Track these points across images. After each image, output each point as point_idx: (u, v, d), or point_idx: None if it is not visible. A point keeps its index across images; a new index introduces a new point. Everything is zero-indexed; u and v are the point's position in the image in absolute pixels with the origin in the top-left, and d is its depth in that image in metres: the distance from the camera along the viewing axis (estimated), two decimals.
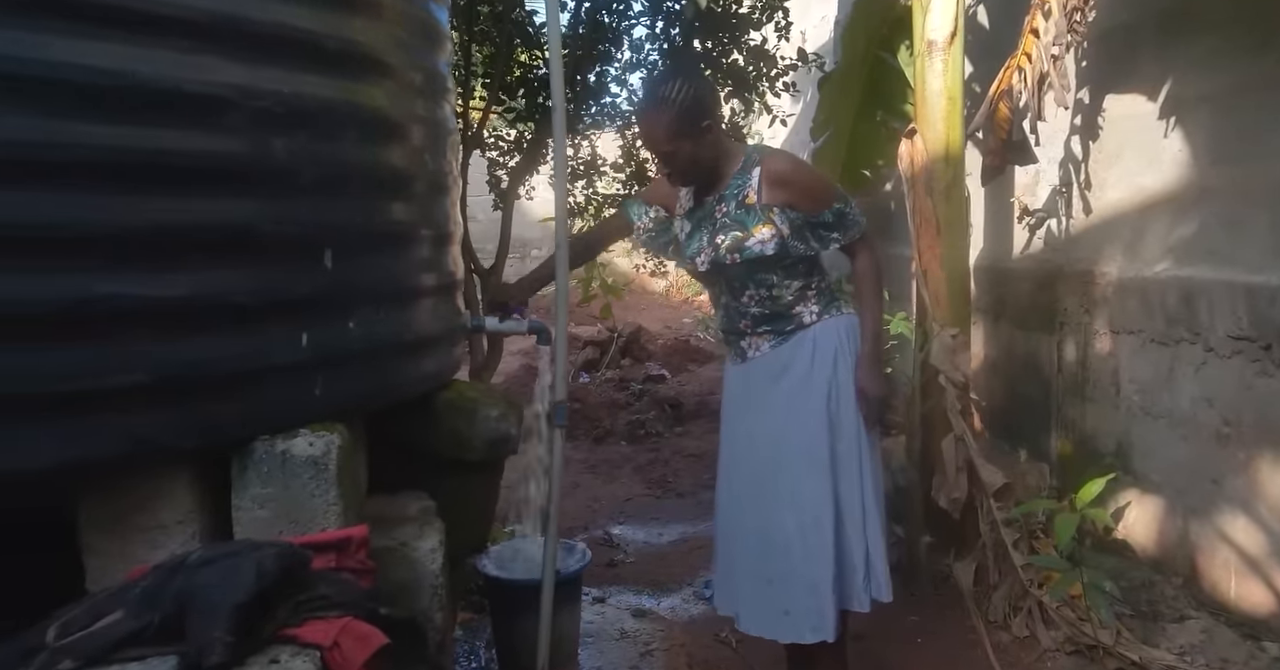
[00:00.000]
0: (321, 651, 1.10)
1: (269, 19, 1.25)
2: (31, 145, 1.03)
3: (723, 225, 1.71)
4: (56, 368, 1.07)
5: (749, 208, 1.69)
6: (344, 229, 1.40)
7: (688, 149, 1.63)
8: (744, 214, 1.69)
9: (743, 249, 1.68)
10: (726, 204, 1.72)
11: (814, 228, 1.69)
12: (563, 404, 1.92)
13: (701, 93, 1.67)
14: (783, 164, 1.71)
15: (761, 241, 1.67)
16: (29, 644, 1.06)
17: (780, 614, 1.75)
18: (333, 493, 1.31)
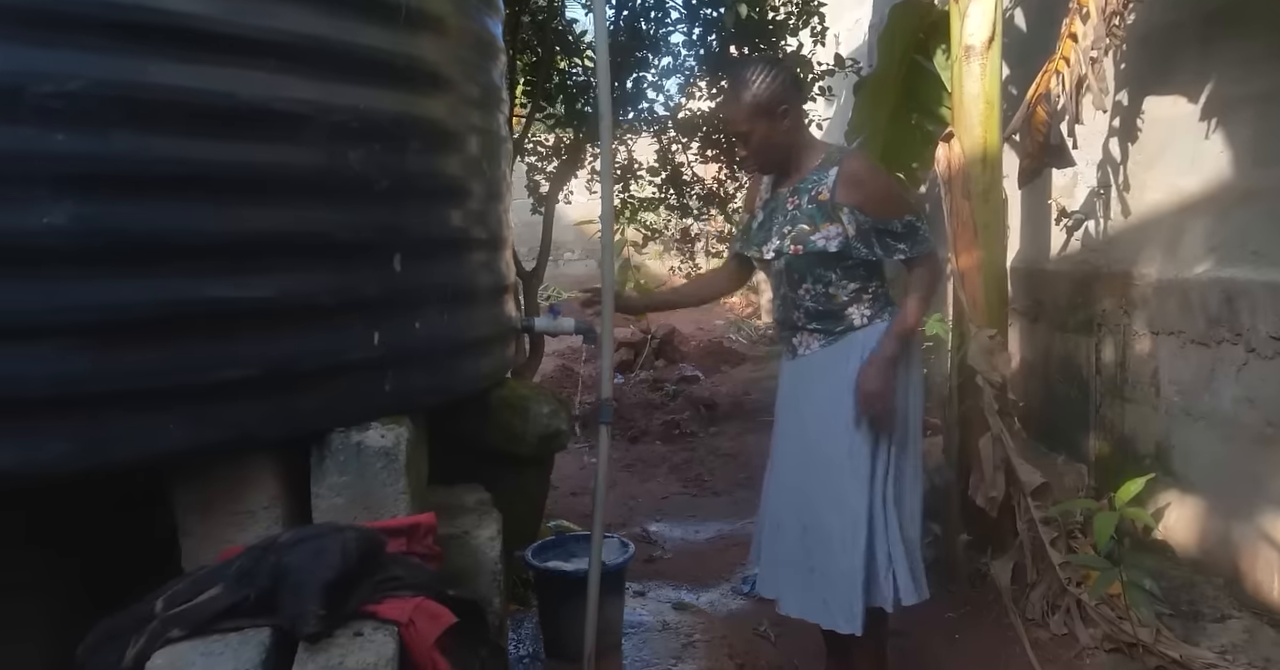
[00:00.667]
0: (399, 627, 1.18)
1: (347, 40, 1.35)
2: (150, 162, 1.13)
3: (793, 217, 1.78)
4: (169, 364, 1.17)
5: (821, 204, 1.74)
6: (410, 234, 1.49)
7: (762, 130, 1.72)
8: (815, 209, 1.75)
9: (807, 242, 1.74)
10: (800, 197, 1.78)
11: (880, 234, 1.74)
12: (609, 402, 2.00)
13: (783, 80, 1.75)
14: (860, 166, 1.77)
15: (826, 237, 1.73)
16: (140, 613, 1.16)
17: (820, 602, 1.81)
18: (402, 482, 1.40)
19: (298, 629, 1.10)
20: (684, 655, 2.31)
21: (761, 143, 1.74)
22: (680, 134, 4.40)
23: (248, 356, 1.25)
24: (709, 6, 3.69)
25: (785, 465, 1.95)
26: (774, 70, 1.73)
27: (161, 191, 1.15)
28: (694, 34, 3.86)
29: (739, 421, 4.89)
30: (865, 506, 1.76)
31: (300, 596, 1.11)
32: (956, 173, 2.67)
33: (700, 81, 4.04)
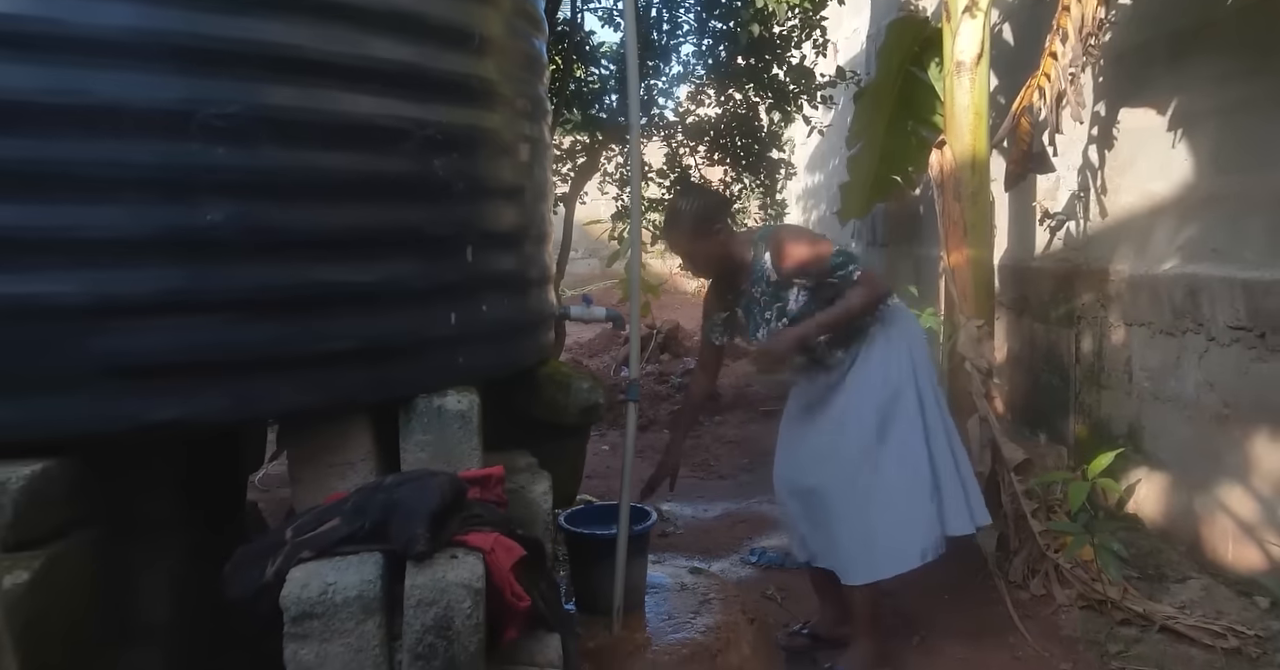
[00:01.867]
0: (482, 553, 1.43)
1: (432, 66, 1.59)
2: (285, 171, 1.37)
3: (765, 304, 2.15)
4: (296, 335, 1.41)
5: (774, 283, 2.11)
6: (479, 229, 1.73)
7: (704, 248, 2.10)
8: (774, 289, 2.12)
9: (787, 312, 2.11)
10: (757, 287, 2.15)
11: (829, 273, 2.07)
12: (636, 382, 2.26)
13: (709, 203, 2.15)
14: (779, 240, 2.10)
15: (796, 301, 2.10)
16: (273, 540, 1.41)
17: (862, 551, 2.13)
18: (475, 440, 1.65)
19: (408, 551, 1.35)
20: (701, 610, 2.56)
21: (706, 258, 2.11)
22: (688, 138, 4.65)
23: (355, 331, 1.49)
24: (718, 20, 3.95)
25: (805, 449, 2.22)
26: (700, 199, 2.17)
27: (293, 194, 1.40)
28: (704, 45, 4.11)
29: (741, 411, 5.14)
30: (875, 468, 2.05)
31: (409, 525, 1.36)
32: (948, 177, 2.94)
33: (709, 89, 4.29)
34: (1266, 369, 2.42)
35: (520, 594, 1.46)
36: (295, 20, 1.40)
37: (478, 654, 1.35)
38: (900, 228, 4.81)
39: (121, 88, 1.25)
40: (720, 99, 4.27)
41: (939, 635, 2.48)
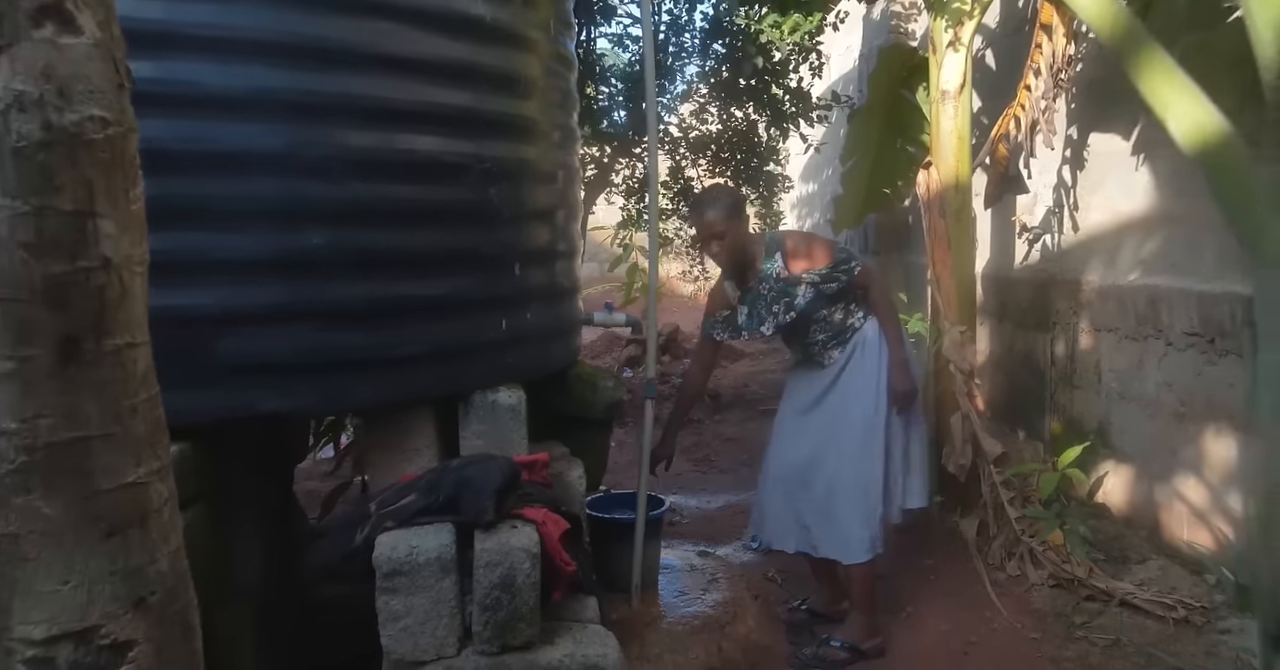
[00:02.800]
0: (536, 525, 1.69)
1: (487, 108, 1.85)
2: (368, 201, 1.63)
3: (771, 298, 2.40)
4: (376, 340, 1.67)
5: (784, 280, 2.38)
6: (525, 248, 1.99)
7: (733, 233, 2.33)
8: (783, 285, 2.38)
9: (795, 308, 2.38)
10: (765, 284, 2.41)
11: (832, 271, 2.35)
12: (653, 381, 2.53)
13: (736, 200, 2.44)
14: (791, 242, 2.42)
15: (804, 297, 2.36)
16: (359, 512, 1.67)
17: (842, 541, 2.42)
18: (522, 430, 1.91)
19: (477, 521, 1.61)
20: (710, 588, 2.83)
21: (731, 246, 2.36)
22: (691, 152, 4.92)
23: (424, 337, 1.75)
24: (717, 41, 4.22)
25: (806, 444, 2.49)
26: (730, 194, 2.51)
27: (374, 220, 1.65)
28: (706, 65, 4.39)
29: (741, 410, 5.41)
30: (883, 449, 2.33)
31: (477, 500, 1.62)
32: (934, 196, 3.21)
33: (712, 107, 4.56)
34: (1216, 371, 2.70)
35: (567, 560, 1.72)
36: (375, 75, 1.66)
37: (535, 608, 1.61)
38: (890, 237, 5.09)
39: (244, 136, 1.51)
40: (722, 117, 4.54)
41: (925, 610, 2.76)
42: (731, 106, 4.34)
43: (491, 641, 1.58)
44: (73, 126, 0.99)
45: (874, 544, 2.38)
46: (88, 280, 1.03)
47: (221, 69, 1.48)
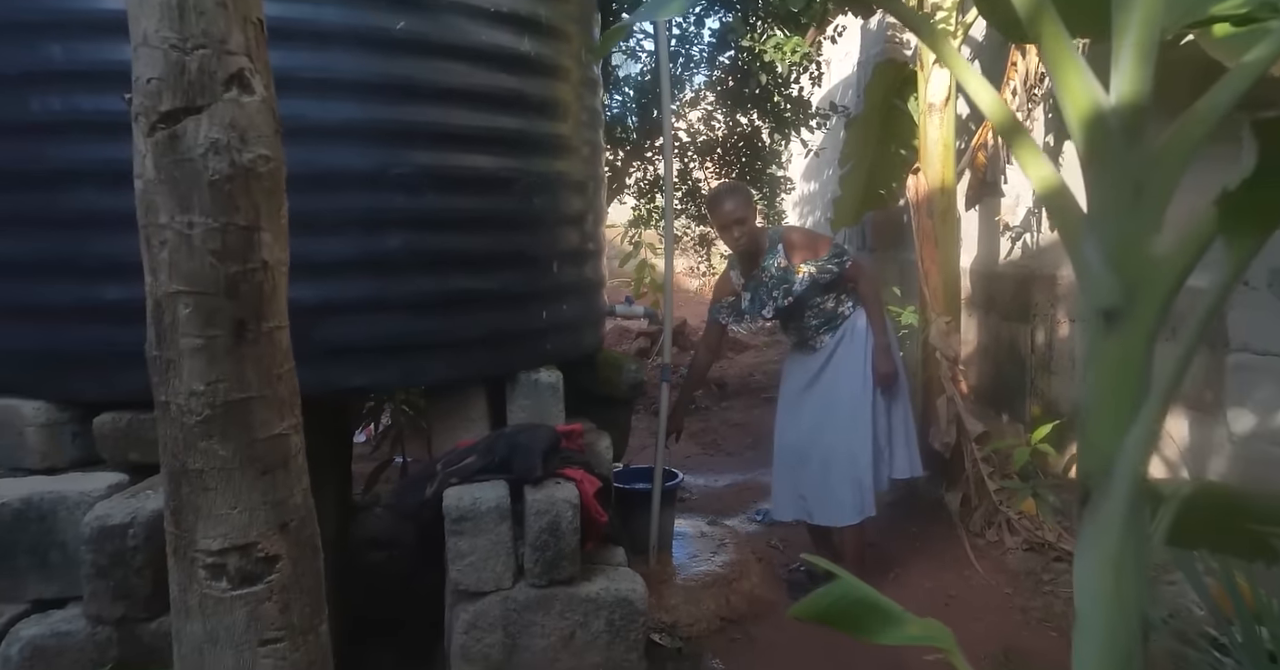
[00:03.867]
0: (575, 482, 2.02)
1: (533, 130, 2.18)
2: (439, 210, 1.96)
3: (772, 285, 2.76)
4: (444, 327, 2.00)
5: (784, 269, 2.75)
6: (561, 248, 2.32)
7: (749, 220, 2.71)
8: (782, 273, 2.75)
9: (793, 294, 2.73)
10: (766, 273, 2.77)
11: (826, 263, 2.72)
12: (669, 366, 2.87)
13: (749, 191, 2.91)
14: (792, 236, 2.80)
15: (801, 285, 2.71)
16: (428, 470, 2.00)
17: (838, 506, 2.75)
18: (560, 405, 2.23)
19: (527, 477, 1.94)
20: (719, 551, 3.17)
21: (747, 232, 2.71)
22: (698, 155, 5.24)
23: (481, 324, 2.08)
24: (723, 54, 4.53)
25: (803, 422, 2.83)
26: (743, 188, 2.91)
27: (443, 227, 1.98)
28: (713, 75, 4.70)
29: (746, 398, 5.73)
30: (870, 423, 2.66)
31: (528, 460, 1.95)
32: (922, 199, 3.53)
33: (718, 114, 4.87)
34: None
35: (600, 512, 2.05)
36: (443, 106, 1.98)
37: (576, 549, 1.94)
38: (885, 235, 5.40)
39: (342, 159, 1.83)
40: (728, 122, 4.86)
41: (911, 571, 3.09)
42: (737, 113, 4.65)
43: (540, 576, 1.91)
44: (248, 163, 1.32)
45: (863, 509, 2.72)
46: (253, 278, 1.37)
47: (321, 104, 1.80)
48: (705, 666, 2.47)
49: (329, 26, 1.78)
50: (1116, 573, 0.90)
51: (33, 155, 1.73)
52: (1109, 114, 0.92)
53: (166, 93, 1.25)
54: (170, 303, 1.33)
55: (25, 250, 1.78)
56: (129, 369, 1.80)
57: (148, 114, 1.27)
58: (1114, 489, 0.90)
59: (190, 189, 1.29)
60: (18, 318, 1.81)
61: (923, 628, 1.11)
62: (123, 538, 1.60)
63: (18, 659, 1.55)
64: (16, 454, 1.79)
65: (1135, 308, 0.92)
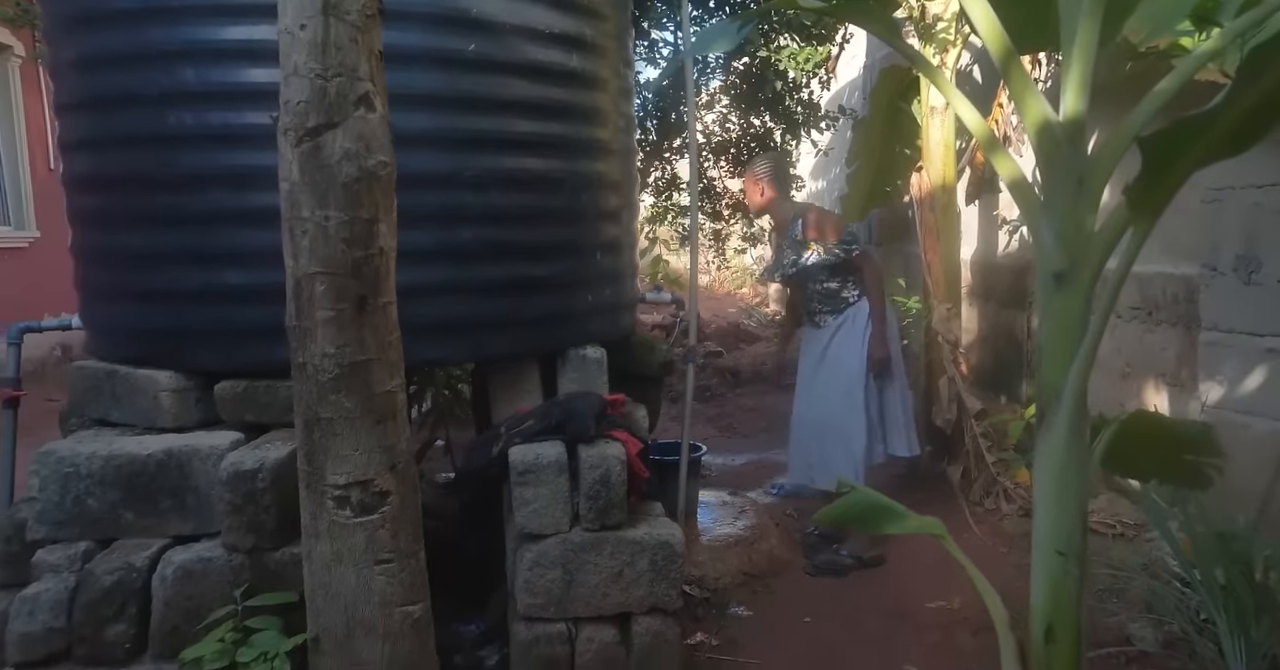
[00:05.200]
0: (621, 442, 2.33)
1: (580, 135, 2.48)
2: (503, 207, 2.25)
3: (786, 255, 3.12)
4: (502, 309, 2.30)
5: (797, 242, 3.08)
6: (604, 240, 2.62)
7: (765, 189, 3.14)
8: (797, 246, 3.08)
9: (798, 265, 3.07)
10: (785, 240, 3.13)
11: (834, 246, 3.04)
12: (694, 349, 3.17)
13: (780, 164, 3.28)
14: (814, 216, 3.13)
15: (807, 260, 3.06)
16: (494, 433, 2.30)
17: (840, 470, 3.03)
18: (604, 377, 2.54)
19: (581, 437, 2.24)
20: (739, 517, 3.47)
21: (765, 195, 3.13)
22: (713, 154, 5.53)
23: (537, 306, 2.38)
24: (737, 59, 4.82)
25: (814, 397, 3.14)
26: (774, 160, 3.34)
27: (505, 221, 2.28)
28: (728, 79, 4.99)
29: (759, 385, 6.03)
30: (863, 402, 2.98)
31: (582, 422, 2.25)
32: (925, 195, 3.82)
33: (732, 116, 5.17)
34: (1152, 338, 3.30)
35: (642, 469, 2.35)
36: (504, 115, 2.28)
37: (624, 500, 2.24)
38: (891, 230, 5.69)
39: (421, 162, 2.13)
40: (741, 124, 5.15)
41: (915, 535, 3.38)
42: (750, 116, 4.94)
43: (593, 522, 2.21)
44: (372, 167, 1.63)
45: (855, 478, 3.01)
46: (373, 261, 1.68)
47: (404, 116, 2.08)
48: (731, 612, 2.77)
49: (413, 49, 2.08)
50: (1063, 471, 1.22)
51: (167, 163, 2.04)
52: (1057, 127, 1.23)
53: (311, 112, 1.57)
54: (308, 282, 1.64)
55: (159, 243, 2.09)
56: (244, 344, 2.13)
57: (296, 129, 1.59)
58: (1061, 408, 1.21)
59: (327, 189, 1.60)
60: (153, 301, 2.12)
61: (920, 522, 1.43)
62: (253, 480, 1.92)
63: (171, 578, 1.86)
64: (152, 415, 2.11)
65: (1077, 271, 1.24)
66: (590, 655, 2.18)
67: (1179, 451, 1.45)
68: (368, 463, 1.72)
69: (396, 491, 1.77)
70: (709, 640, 2.55)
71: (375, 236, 1.67)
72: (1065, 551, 1.17)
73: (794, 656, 2.49)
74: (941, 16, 3.60)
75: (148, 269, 2.12)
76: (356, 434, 1.70)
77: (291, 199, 1.62)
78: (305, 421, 1.71)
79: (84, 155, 2.21)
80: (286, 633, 1.83)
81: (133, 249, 2.15)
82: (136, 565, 1.89)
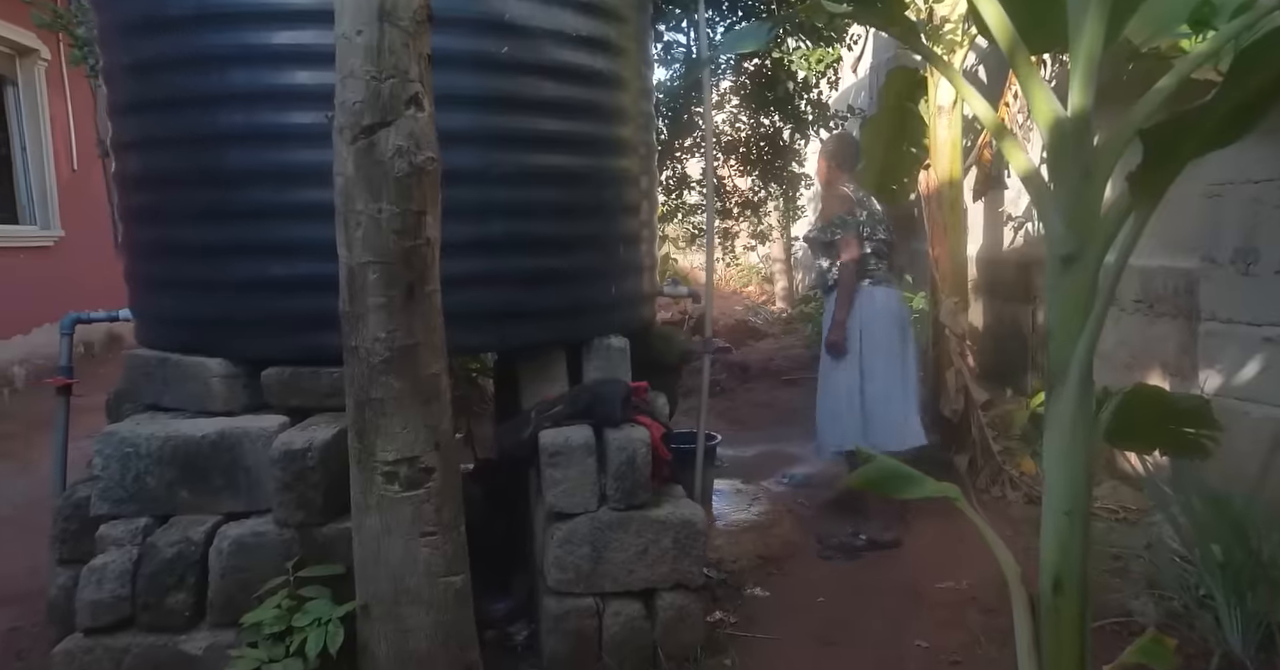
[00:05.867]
0: (646, 427, 2.44)
1: (605, 134, 2.59)
2: (535, 202, 2.37)
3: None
4: (532, 299, 2.40)
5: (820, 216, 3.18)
6: (627, 233, 2.73)
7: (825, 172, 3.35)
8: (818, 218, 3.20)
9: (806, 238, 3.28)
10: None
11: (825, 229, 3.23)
12: (710, 339, 3.28)
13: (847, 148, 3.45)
14: (830, 196, 3.29)
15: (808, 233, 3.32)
16: (525, 417, 2.42)
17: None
18: (628, 366, 2.65)
19: (609, 421, 2.35)
20: (752, 504, 3.58)
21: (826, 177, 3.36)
22: (723, 153, 5.64)
23: (565, 297, 2.49)
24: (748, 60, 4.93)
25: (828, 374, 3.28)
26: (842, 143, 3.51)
27: (535, 215, 2.39)
28: (738, 80, 5.10)
29: (768, 380, 6.14)
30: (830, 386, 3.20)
31: (609, 407, 2.36)
32: (932, 192, 3.93)
33: (742, 115, 5.28)
34: (1155, 330, 3.41)
35: (665, 452, 2.47)
36: (536, 115, 2.40)
37: (648, 480, 2.35)
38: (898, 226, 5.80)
39: (457, 159, 2.23)
40: (751, 124, 5.26)
41: (926, 520, 3.48)
42: (760, 115, 5.05)
43: (620, 501, 2.32)
44: (421, 163, 1.75)
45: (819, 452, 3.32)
46: (420, 251, 1.79)
47: (441, 115, 2.21)
48: (747, 592, 2.88)
49: (451, 52, 2.18)
50: (1070, 438, 1.33)
51: (218, 161, 2.16)
52: (1065, 121, 1.34)
53: (366, 111, 1.68)
54: (361, 270, 1.76)
55: (209, 237, 2.21)
56: (289, 332, 2.25)
57: (351, 127, 1.70)
58: (1069, 380, 1.32)
59: (380, 183, 1.72)
60: (203, 292, 2.24)
61: (937, 487, 1.54)
62: (302, 460, 2.03)
63: (227, 551, 1.98)
64: (202, 399, 2.22)
65: (1084, 254, 1.35)
66: (617, 628, 2.29)
67: (1179, 423, 1.56)
68: (415, 440, 1.83)
69: (440, 468, 1.88)
70: (727, 618, 2.66)
71: (423, 227, 1.78)
72: (1071, 510, 1.28)
73: (809, 633, 2.59)
74: (949, 18, 3.71)
75: (198, 262, 2.24)
76: (405, 413, 1.82)
77: (346, 193, 1.73)
78: (357, 401, 1.82)
79: (138, 155, 2.33)
80: (335, 601, 1.95)
81: (184, 243, 2.27)
82: (194, 539, 2.01)
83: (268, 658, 1.78)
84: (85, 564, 2.05)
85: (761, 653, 2.46)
